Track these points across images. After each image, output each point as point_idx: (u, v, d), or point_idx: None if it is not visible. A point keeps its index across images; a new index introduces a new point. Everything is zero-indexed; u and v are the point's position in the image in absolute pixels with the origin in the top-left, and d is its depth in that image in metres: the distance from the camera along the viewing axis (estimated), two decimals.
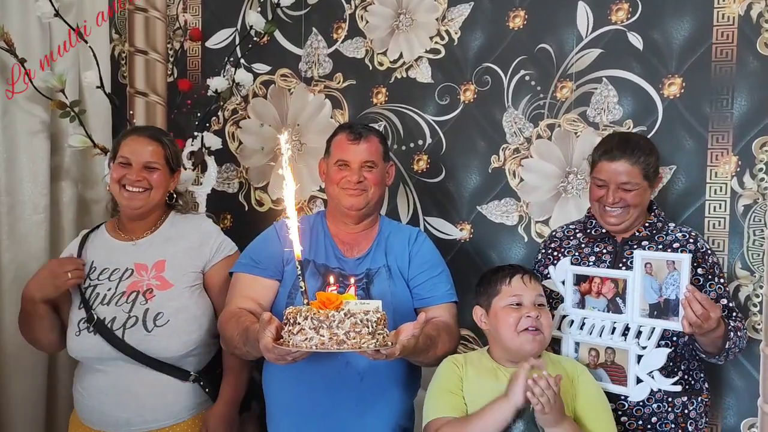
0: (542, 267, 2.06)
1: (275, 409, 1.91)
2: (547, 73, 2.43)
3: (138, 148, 1.95)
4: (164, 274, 1.93)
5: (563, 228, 2.12)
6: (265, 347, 1.49)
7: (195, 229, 2.03)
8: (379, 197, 1.97)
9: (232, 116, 2.84)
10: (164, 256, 1.95)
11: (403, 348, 1.51)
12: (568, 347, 1.90)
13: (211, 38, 2.83)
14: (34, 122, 2.49)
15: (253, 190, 2.85)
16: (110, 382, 1.88)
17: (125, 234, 2.01)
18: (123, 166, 1.94)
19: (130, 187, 1.93)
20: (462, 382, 1.71)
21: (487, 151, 2.51)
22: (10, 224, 2.44)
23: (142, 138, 1.97)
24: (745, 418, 2.22)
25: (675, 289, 1.74)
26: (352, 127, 1.97)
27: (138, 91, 2.57)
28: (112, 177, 1.96)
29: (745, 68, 2.20)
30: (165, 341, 1.88)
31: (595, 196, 1.94)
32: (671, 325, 1.76)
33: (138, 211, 1.97)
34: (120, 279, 1.93)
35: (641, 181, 1.89)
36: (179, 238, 1.99)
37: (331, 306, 1.44)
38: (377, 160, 1.94)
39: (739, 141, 2.22)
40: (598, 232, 2.00)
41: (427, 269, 1.91)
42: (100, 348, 1.87)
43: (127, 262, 1.95)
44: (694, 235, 1.95)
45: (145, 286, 1.91)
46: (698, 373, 1.95)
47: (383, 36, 2.63)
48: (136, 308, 1.88)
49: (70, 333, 1.92)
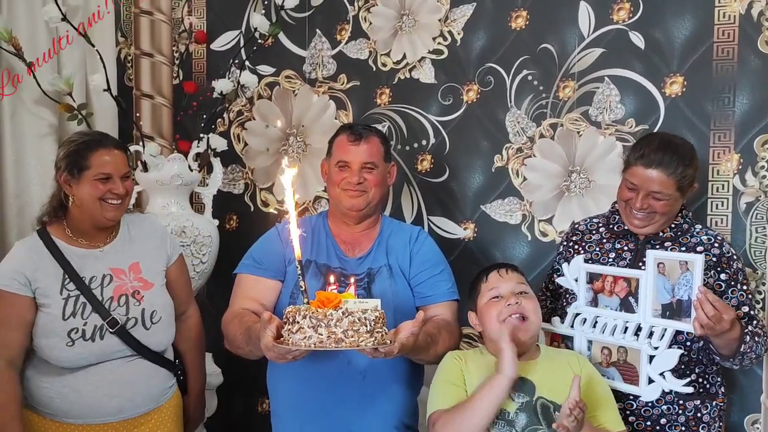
0: (562, 260, 2.02)
1: (280, 408, 1.93)
2: (549, 73, 2.44)
3: (113, 160, 1.90)
4: (142, 275, 1.98)
5: (586, 221, 2.08)
6: (266, 346, 1.51)
7: (153, 228, 2.07)
8: (380, 198, 1.98)
9: (238, 118, 2.87)
10: (136, 258, 1.98)
11: (402, 346, 1.52)
12: (580, 345, 1.90)
13: (216, 40, 2.86)
14: (42, 125, 2.53)
15: (259, 191, 2.87)
16: (103, 375, 1.90)
17: (86, 241, 1.94)
18: (103, 182, 1.87)
19: (113, 201, 1.89)
20: (464, 375, 1.71)
21: (490, 151, 2.53)
22: (20, 226, 2.48)
23: (112, 149, 1.91)
24: (748, 414, 2.23)
25: (687, 290, 1.72)
26: (352, 127, 1.98)
27: (144, 93, 2.60)
28: (85, 192, 1.87)
29: (747, 66, 2.20)
30: (160, 336, 1.98)
31: (624, 197, 1.89)
32: (683, 326, 1.75)
33: (114, 222, 1.96)
34: (101, 285, 1.91)
35: (673, 192, 1.82)
36: (143, 239, 2.02)
37: (330, 305, 1.46)
38: (378, 160, 1.95)
39: (741, 139, 2.23)
40: (621, 229, 1.95)
41: (428, 268, 1.92)
42: (113, 349, 1.89)
43: (101, 269, 1.93)
44: (720, 239, 1.89)
45: (130, 288, 1.94)
46: (714, 377, 1.91)
47: (386, 37, 2.65)
48: (132, 310, 1.92)
49: (58, 344, 1.84)
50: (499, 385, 1.59)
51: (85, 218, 1.92)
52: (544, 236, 2.47)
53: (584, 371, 1.73)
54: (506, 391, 1.60)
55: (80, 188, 1.88)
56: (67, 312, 1.86)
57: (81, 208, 1.90)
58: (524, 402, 1.66)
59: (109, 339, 1.88)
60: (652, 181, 1.81)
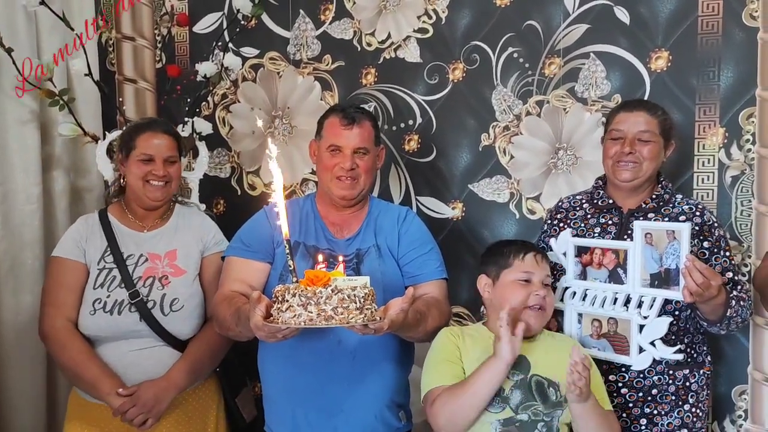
0: (548, 238, 2.04)
1: (271, 391, 1.94)
2: (534, 50, 2.43)
3: (158, 143, 2.03)
4: (177, 262, 2.04)
5: (569, 198, 2.11)
6: (255, 325, 1.51)
7: (199, 221, 2.16)
8: (371, 183, 1.97)
9: (222, 101, 2.84)
10: (175, 245, 2.06)
11: (391, 322, 1.53)
12: (570, 319, 1.91)
13: (199, 23, 2.82)
14: (24, 111, 2.49)
15: (246, 174, 2.86)
16: (122, 355, 1.95)
17: (137, 221, 2.09)
18: (145, 163, 2.02)
19: (154, 182, 2.02)
20: (460, 351, 1.72)
21: (477, 130, 2.52)
22: (4, 214, 2.45)
23: (158, 133, 2.05)
24: (736, 385, 2.25)
25: (675, 259, 1.74)
26: (345, 110, 1.93)
27: (127, 78, 2.58)
28: (131, 172, 2.03)
29: (731, 40, 2.21)
30: (179, 325, 1.99)
31: (609, 153, 1.94)
32: (672, 295, 1.77)
33: (159, 203, 2.07)
34: (135, 264, 2.01)
35: (658, 135, 1.90)
36: (186, 229, 2.11)
37: (319, 283, 1.46)
38: (369, 145, 1.93)
39: (726, 113, 2.23)
40: (605, 203, 1.99)
41: (416, 247, 1.92)
42: (131, 327, 1.94)
43: (140, 250, 2.04)
44: (701, 207, 1.93)
45: (160, 272, 2.01)
46: (701, 346, 1.96)
47: (371, 16, 2.63)
48: (153, 293, 1.98)
49: (83, 311, 1.97)
50: (496, 367, 1.61)
51: (134, 198, 2.08)
52: (532, 214, 2.48)
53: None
54: (503, 373, 1.61)
55: (128, 168, 2.05)
56: (98, 282, 1.99)
57: (131, 187, 2.06)
58: (519, 379, 1.67)
59: (126, 316, 1.94)
60: (637, 121, 1.90)
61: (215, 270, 2.04)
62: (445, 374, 1.69)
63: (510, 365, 1.61)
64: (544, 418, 1.66)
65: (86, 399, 1.99)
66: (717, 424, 2.28)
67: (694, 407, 1.91)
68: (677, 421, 1.89)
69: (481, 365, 1.64)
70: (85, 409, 1.99)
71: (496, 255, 1.80)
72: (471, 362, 1.70)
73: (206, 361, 2.03)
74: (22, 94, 2.42)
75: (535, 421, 1.66)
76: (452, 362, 1.70)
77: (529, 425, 1.65)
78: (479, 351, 1.70)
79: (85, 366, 1.92)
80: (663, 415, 1.88)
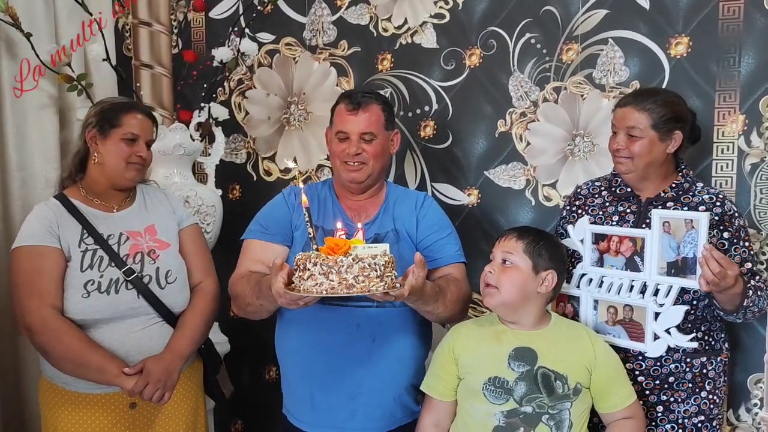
0: (566, 224, 2.04)
1: (290, 373, 1.95)
2: (552, 36, 2.42)
3: (144, 124, 1.99)
4: (159, 236, 2.01)
5: (588, 185, 2.10)
6: (277, 292, 1.51)
7: (164, 196, 2.13)
8: (381, 168, 1.95)
9: (238, 86, 2.85)
10: (151, 221, 2.03)
11: (411, 288, 1.53)
12: (587, 305, 1.92)
13: (215, 8, 2.83)
14: (43, 96, 2.51)
15: (261, 160, 2.86)
16: (120, 335, 1.91)
17: (102, 202, 2.00)
18: (128, 143, 1.96)
19: (137, 163, 1.98)
20: (454, 355, 1.75)
21: (493, 116, 2.52)
22: (23, 198, 2.47)
23: (142, 115, 2.00)
24: (752, 373, 2.25)
25: (693, 248, 1.74)
26: (351, 96, 1.92)
27: (143, 63, 2.58)
28: (110, 151, 1.95)
29: (753, 26, 2.18)
30: (175, 296, 1.98)
31: (610, 146, 1.95)
32: (688, 283, 1.76)
33: (133, 183, 2.03)
34: (118, 243, 1.95)
35: (648, 130, 1.86)
36: (158, 204, 2.08)
37: (340, 251, 1.46)
38: (377, 129, 1.91)
39: (746, 99, 2.21)
40: (623, 191, 1.98)
41: (435, 231, 1.92)
42: (129, 305, 1.90)
43: (116, 229, 1.97)
44: (722, 197, 1.91)
45: (146, 248, 1.98)
46: (719, 333, 1.95)
47: (387, 2, 2.62)
48: (146, 267, 1.95)
49: (73, 296, 1.87)
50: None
51: (104, 178, 1.98)
52: (548, 201, 2.47)
53: (597, 348, 1.74)
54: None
55: (106, 145, 1.96)
56: (85, 264, 1.90)
57: (102, 166, 1.97)
58: (524, 371, 1.67)
59: (124, 294, 1.90)
60: (624, 117, 1.89)
61: (193, 241, 2.07)
62: (434, 389, 1.79)
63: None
64: (549, 410, 1.65)
65: (62, 387, 1.91)
66: (732, 412, 2.28)
67: (711, 394, 1.91)
68: (694, 408, 1.89)
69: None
70: (65, 398, 1.92)
71: None
72: (467, 360, 1.73)
73: (203, 329, 2.02)
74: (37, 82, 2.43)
75: (539, 413, 1.65)
76: (442, 378, 1.77)
77: (533, 417, 1.65)
78: (480, 345, 1.73)
79: (88, 353, 1.83)
80: (680, 402, 1.88)
